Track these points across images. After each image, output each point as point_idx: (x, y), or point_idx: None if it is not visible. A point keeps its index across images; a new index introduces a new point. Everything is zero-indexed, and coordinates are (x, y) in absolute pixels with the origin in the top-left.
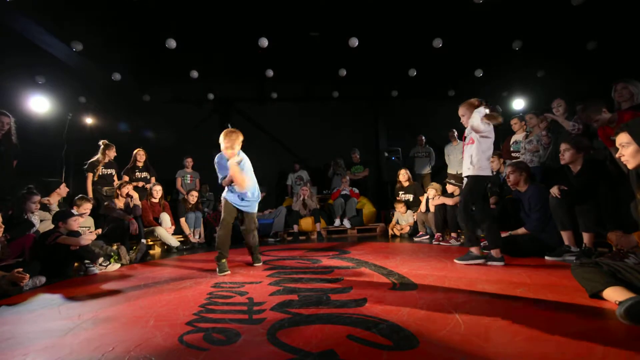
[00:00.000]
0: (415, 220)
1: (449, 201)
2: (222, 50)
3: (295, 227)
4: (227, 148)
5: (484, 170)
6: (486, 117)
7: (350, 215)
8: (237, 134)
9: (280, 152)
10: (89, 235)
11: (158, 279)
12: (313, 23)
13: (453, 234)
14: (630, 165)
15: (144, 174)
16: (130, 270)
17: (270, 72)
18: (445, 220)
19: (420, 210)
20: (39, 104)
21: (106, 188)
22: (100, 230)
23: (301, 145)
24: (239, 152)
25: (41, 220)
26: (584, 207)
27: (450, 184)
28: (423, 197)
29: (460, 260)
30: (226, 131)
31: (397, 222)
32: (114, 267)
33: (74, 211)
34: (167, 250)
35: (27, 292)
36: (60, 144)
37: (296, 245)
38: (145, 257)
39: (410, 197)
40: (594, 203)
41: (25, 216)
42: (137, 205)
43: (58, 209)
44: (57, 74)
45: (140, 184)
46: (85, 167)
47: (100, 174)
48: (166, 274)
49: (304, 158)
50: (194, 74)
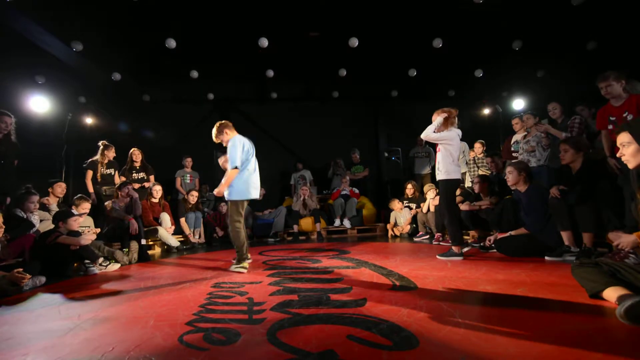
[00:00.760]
0: (415, 220)
1: None
2: (222, 50)
3: (295, 227)
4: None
5: (452, 174)
6: (443, 122)
7: (350, 215)
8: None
9: (281, 153)
10: (89, 235)
11: (158, 279)
12: (313, 23)
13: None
14: (631, 165)
15: (141, 175)
16: (130, 270)
17: (270, 72)
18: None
19: (421, 210)
20: (39, 104)
21: (105, 187)
22: (99, 230)
23: (301, 145)
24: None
25: (41, 220)
26: (584, 207)
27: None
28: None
29: (442, 256)
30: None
31: (396, 222)
32: (114, 267)
33: (74, 211)
34: (167, 250)
35: (27, 292)
36: (60, 144)
37: (296, 245)
38: (145, 257)
39: (413, 205)
40: (594, 203)
41: (25, 216)
42: (138, 204)
43: (58, 209)
44: (57, 74)
45: (136, 186)
46: (85, 165)
47: (101, 173)
48: (166, 274)
49: (304, 158)
50: (194, 74)
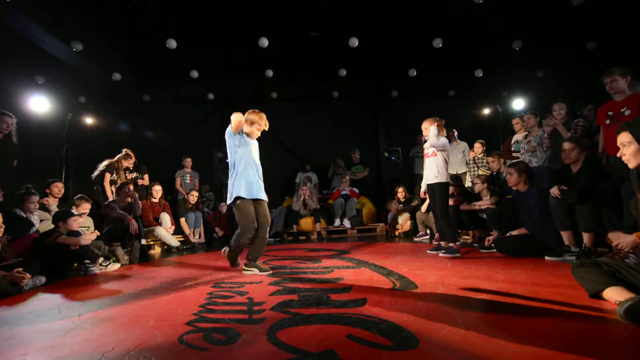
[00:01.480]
0: (415, 220)
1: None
2: (222, 50)
3: (295, 227)
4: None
5: (446, 177)
6: (437, 131)
7: (350, 215)
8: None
9: (281, 153)
10: (89, 235)
11: (158, 279)
12: (313, 23)
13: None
14: (631, 164)
15: (133, 175)
16: (130, 270)
17: (270, 72)
18: None
19: (421, 210)
20: (39, 104)
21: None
22: (98, 232)
23: (301, 145)
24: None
25: (41, 220)
26: (584, 207)
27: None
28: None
29: (446, 253)
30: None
31: (396, 222)
32: (114, 267)
33: (74, 211)
34: (167, 250)
35: (27, 292)
36: (60, 144)
37: (296, 245)
38: (145, 257)
39: (422, 208)
40: (594, 203)
41: (25, 216)
42: (138, 204)
43: (57, 209)
44: (57, 74)
45: (130, 186)
46: (105, 168)
47: (112, 179)
48: (166, 274)
49: (303, 158)
50: (194, 74)
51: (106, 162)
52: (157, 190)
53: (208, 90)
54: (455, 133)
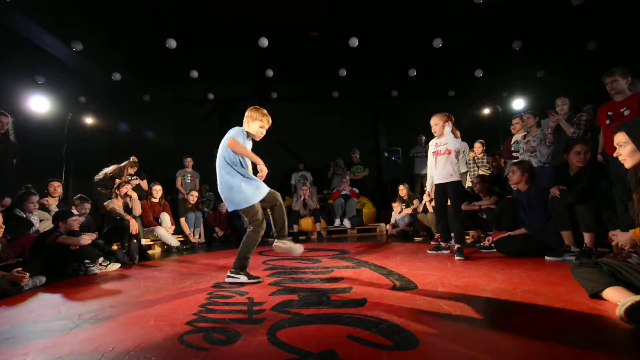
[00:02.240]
0: (415, 220)
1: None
2: (222, 50)
3: (295, 227)
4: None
5: (460, 176)
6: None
7: (350, 215)
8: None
9: (281, 152)
10: (88, 235)
11: (158, 279)
12: (313, 23)
13: (453, 234)
14: (628, 164)
15: (134, 178)
16: (130, 270)
17: (270, 72)
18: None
19: (419, 210)
20: (39, 104)
21: (104, 190)
22: (96, 235)
23: (301, 145)
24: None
25: (41, 220)
26: (585, 207)
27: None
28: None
29: (460, 255)
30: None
31: (396, 223)
32: (114, 267)
33: (74, 211)
34: (167, 250)
35: (27, 292)
36: (60, 144)
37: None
38: (145, 256)
39: (419, 208)
40: (594, 203)
41: (25, 216)
42: (137, 204)
43: (57, 209)
44: (57, 74)
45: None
46: (113, 174)
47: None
48: (166, 274)
49: (304, 158)
50: (194, 74)
51: (113, 168)
52: (157, 190)
53: (208, 90)
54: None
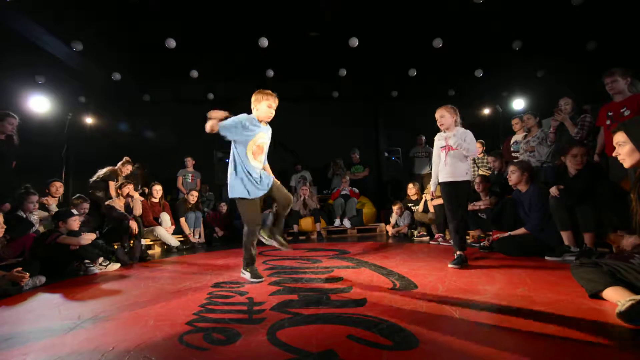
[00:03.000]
0: (414, 220)
1: None
2: (222, 50)
3: (295, 227)
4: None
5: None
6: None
7: (350, 215)
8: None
9: (281, 152)
10: (88, 235)
11: (158, 279)
12: (313, 23)
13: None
14: (626, 164)
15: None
16: (130, 270)
17: (270, 72)
18: (445, 221)
19: (418, 210)
20: (39, 103)
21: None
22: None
23: (301, 145)
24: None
25: (41, 220)
26: (585, 207)
27: None
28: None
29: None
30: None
31: (396, 223)
32: (114, 267)
33: (73, 211)
34: (167, 250)
35: (27, 292)
36: (60, 144)
37: (296, 245)
38: (145, 256)
39: (419, 208)
40: (594, 203)
41: (25, 215)
42: (137, 203)
43: (57, 209)
44: (57, 74)
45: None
46: (107, 177)
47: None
48: (166, 274)
49: (304, 158)
50: (194, 74)
51: (107, 170)
52: (157, 190)
53: (208, 90)
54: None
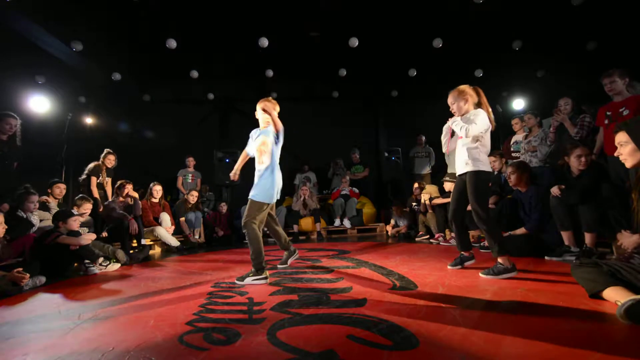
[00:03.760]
0: (415, 220)
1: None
2: (222, 50)
3: (295, 227)
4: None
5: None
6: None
7: (350, 215)
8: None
9: (281, 152)
10: (89, 235)
11: (158, 279)
12: (313, 23)
13: (453, 234)
14: (628, 164)
15: (108, 179)
16: (130, 270)
17: (270, 72)
18: (445, 220)
19: (420, 210)
20: (39, 104)
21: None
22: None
23: (301, 145)
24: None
25: (41, 220)
26: (587, 207)
27: (447, 181)
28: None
29: (487, 274)
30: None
31: (396, 223)
32: (114, 267)
33: (74, 211)
34: (167, 250)
35: (27, 292)
36: (60, 144)
37: (296, 245)
38: (145, 256)
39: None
40: (596, 203)
41: (25, 215)
42: (137, 204)
43: (58, 209)
44: (57, 74)
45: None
46: (90, 172)
47: (99, 181)
48: (166, 274)
49: (304, 158)
50: (194, 74)
51: (91, 166)
52: (157, 190)
53: (208, 90)
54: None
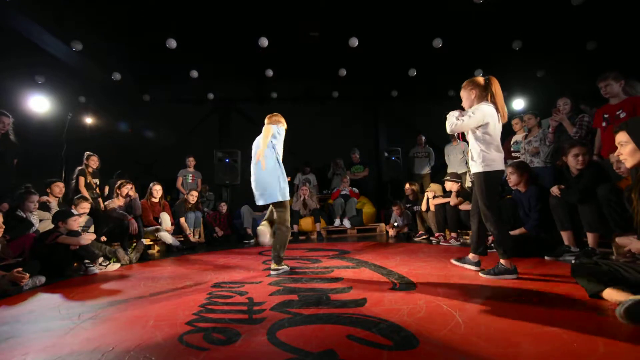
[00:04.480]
0: (414, 220)
1: (450, 201)
2: (222, 50)
3: (295, 227)
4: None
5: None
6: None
7: (350, 215)
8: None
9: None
10: (88, 235)
11: (158, 279)
12: (313, 23)
13: (453, 234)
14: (628, 164)
15: (96, 180)
16: (130, 270)
17: (270, 72)
18: (445, 220)
19: (421, 209)
20: (39, 103)
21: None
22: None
23: (301, 145)
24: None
25: (41, 220)
26: (589, 207)
27: (448, 180)
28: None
29: (487, 274)
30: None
31: (395, 223)
32: (114, 267)
33: (73, 211)
34: (167, 250)
35: (27, 292)
36: (60, 144)
37: (296, 245)
38: (145, 256)
39: (422, 207)
40: (598, 203)
41: (24, 215)
42: (137, 204)
43: (57, 209)
44: (57, 73)
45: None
46: (79, 173)
47: (87, 182)
48: (166, 274)
49: (304, 158)
50: (194, 74)
51: (78, 168)
52: (157, 190)
53: (208, 90)
54: (456, 133)
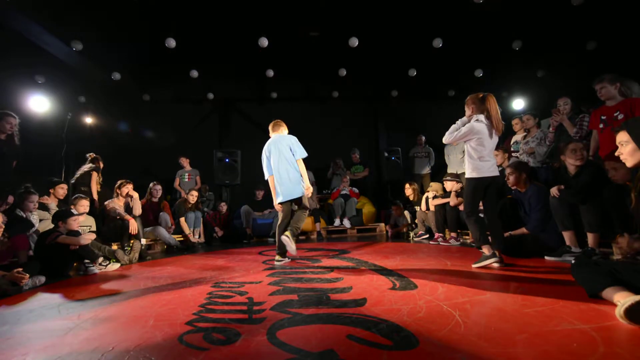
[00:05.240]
0: (415, 220)
1: (450, 201)
2: (222, 50)
3: None
4: None
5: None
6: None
7: (350, 215)
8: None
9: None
10: (88, 235)
11: (158, 279)
12: (313, 23)
13: (453, 234)
14: (629, 163)
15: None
16: (130, 270)
17: (270, 72)
18: (445, 220)
19: (420, 209)
20: (39, 103)
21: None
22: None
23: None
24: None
25: (41, 220)
26: (589, 207)
27: (447, 180)
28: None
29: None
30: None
31: (396, 223)
32: (114, 267)
33: (73, 210)
34: (167, 250)
35: (27, 292)
36: (60, 144)
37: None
38: (144, 256)
39: (422, 207)
40: (598, 203)
41: (24, 215)
42: (137, 203)
43: (57, 209)
44: (57, 73)
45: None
46: (92, 168)
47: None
48: (166, 274)
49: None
50: (194, 74)
51: (91, 165)
52: (157, 190)
53: (208, 90)
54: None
